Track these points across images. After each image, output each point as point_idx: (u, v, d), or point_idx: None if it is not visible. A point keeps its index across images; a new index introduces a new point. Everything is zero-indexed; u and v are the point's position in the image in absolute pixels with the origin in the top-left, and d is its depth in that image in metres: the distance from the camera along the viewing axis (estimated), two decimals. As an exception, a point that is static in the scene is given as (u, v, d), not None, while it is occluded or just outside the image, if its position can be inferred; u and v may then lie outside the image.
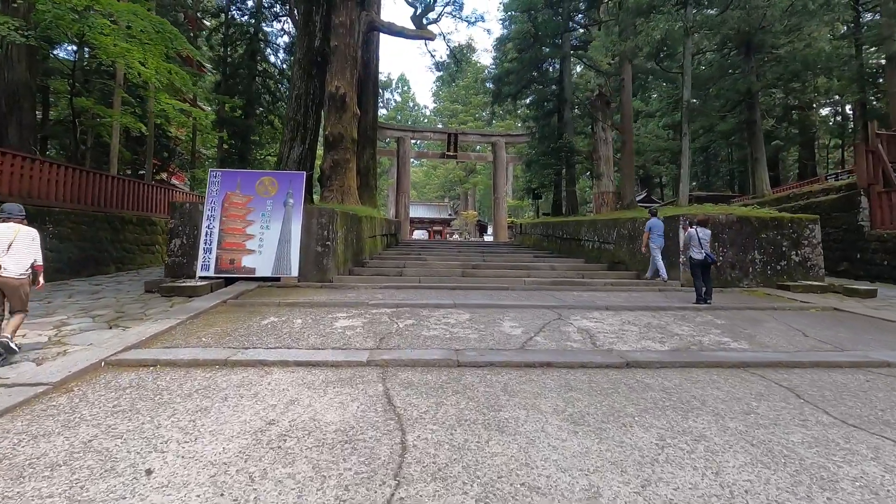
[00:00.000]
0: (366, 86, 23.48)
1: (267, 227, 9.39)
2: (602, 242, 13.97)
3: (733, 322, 6.59)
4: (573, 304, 7.62)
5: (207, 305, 6.72)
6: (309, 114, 11.79)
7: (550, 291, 9.10)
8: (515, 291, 8.98)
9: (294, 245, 9.32)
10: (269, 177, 9.72)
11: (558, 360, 4.56)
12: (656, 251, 10.31)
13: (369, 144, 23.52)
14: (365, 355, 4.60)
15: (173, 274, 9.27)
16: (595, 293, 8.98)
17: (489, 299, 7.95)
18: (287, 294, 8.12)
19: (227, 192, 9.48)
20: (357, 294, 8.33)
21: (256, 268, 9.16)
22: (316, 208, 9.76)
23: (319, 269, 9.44)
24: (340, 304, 7.21)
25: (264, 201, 9.52)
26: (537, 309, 7.18)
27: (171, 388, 3.69)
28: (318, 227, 9.53)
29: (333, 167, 15.37)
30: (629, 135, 15.59)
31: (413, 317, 6.48)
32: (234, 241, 9.26)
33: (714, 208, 11.49)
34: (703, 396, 3.71)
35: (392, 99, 72.80)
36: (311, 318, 6.26)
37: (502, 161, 32.40)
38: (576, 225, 16.29)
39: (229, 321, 6.03)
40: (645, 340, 5.54)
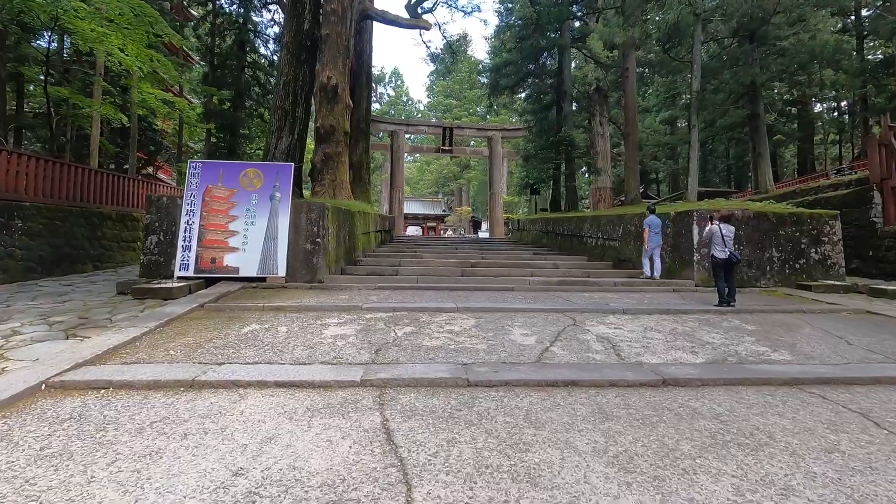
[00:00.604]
0: (358, 77, 22.69)
1: (252, 222, 8.67)
2: (606, 239, 13.36)
3: (765, 328, 5.99)
4: (585, 306, 6.99)
5: (182, 310, 6.01)
6: (298, 102, 11.05)
7: (557, 292, 8.46)
8: (521, 292, 8.34)
9: (281, 242, 8.61)
10: (254, 168, 8.99)
11: (584, 378, 3.92)
12: (656, 249, 9.95)
13: (362, 138, 22.78)
14: (359, 372, 3.93)
15: (149, 274, 8.54)
16: (606, 294, 8.36)
17: (494, 302, 7.30)
18: (273, 296, 7.42)
19: (208, 184, 8.75)
20: (350, 296, 7.65)
21: (240, 267, 8.45)
22: (305, 203, 9.06)
23: (309, 269, 8.74)
24: (331, 308, 6.53)
25: (249, 195, 8.79)
26: (548, 313, 6.54)
27: (120, 421, 3.00)
28: (307, 223, 8.82)
29: (325, 161, 14.67)
30: (633, 127, 14.99)
31: (412, 323, 5.82)
32: (216, 238, 8.54)
33: (726, 203, 10.93)
34: (767, 427, 3.08)
35: (385, 93, 71.84)
36: (297, 325, 5.58)
37: (498, 156, 31.73)
38: (577, 221, 15.68)
39: (205, 329, 5.33)
40: (674, 351, 4.91)
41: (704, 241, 8.07)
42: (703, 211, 9.50)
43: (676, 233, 10.01)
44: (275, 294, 7.63)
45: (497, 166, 31.80)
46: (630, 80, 14.86)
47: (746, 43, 19.94)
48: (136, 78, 16.61)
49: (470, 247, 17.96)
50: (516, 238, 23.81)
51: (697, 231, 9.39)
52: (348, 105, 15.47)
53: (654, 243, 10.12)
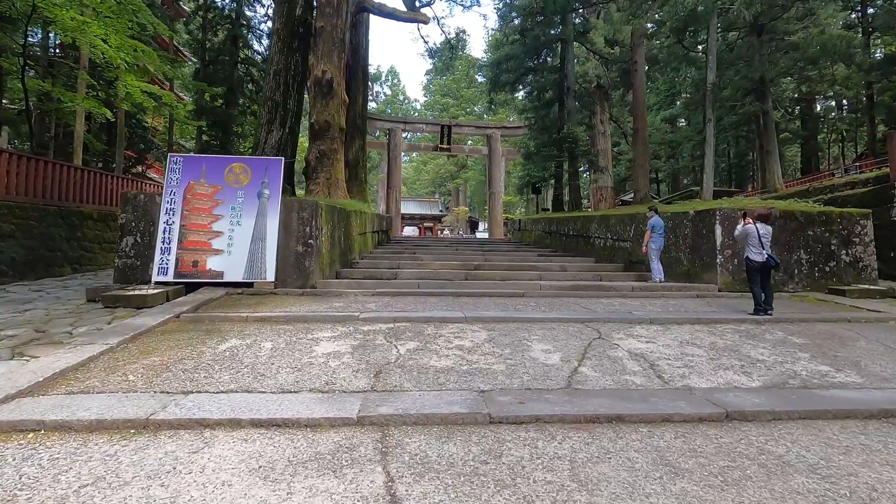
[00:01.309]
0: (355, 72, 21.96)
1: (238, 222, 7.92)
2: (616, 240, 12.67)
3: (815, 341, 5.30)
4: (607, 316, 6.28)
5: (153, 322, 5.26)
6: (289, 93, 10.31)
7: (572, 298, 7.75)
8: (532, 299, 7.63)
9: (270, 244, 7.87)
10: (241, 163, 8.24)
11: (630, 412, 3.22)
12: (656, 252, 9.50)
13: (358, 135, 22.05)
14: (355, 405, 3.21)
15: (125, 279, 7.77)
16: (625, 300, 7.66)
17: (505, 310, 6.58)
18: (259, 304, 6.67)
19: (189, 181, 7.99)
20: (345, 303, 6.91)
21: (224, 271, 7.69)
22: (296, 201, 8.32)
23: (300, 273, 8.00)
24: (324, 319, 5.79)
25: (235, 192, 8.05)
26: (568, 324, 5.83)
27: (39, 486, 2.26)
28: (298, 223, 8.08)
29: (320, 158, 13.97)
30: (642, 123, 14.32)
31: (416, 336, 5.09)
32: (198, 239, 7.78)
33: (745, 201, 10.25)
34: (887, 486, 2.38)
35: (382, 92, 71.06)
36: (284, 340, 4.84)
37: (498, 154, 31.04)
38: (584, 221, 15.00)
39: (176, 346, 4.59)
40: (723, 371, 4.22)
41: (738, 242, 7.38)
42: (727, 210, 8.82)
43: (696, 233, 9.33)
44: (262, 301, 6.89)
45: (496, 165, 31.11)
46: (639, 74, 14.20)
47: (754, 37, 19.32)
48: (122, 70, 15.78)
49: (470, 248, 17.26)
50: (517, 238, 23.11)
51: (721, 231, 8.72)
52: (344, 100, 14.77)
53: (656, 245, 9.50)
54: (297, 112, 10.96)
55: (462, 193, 72.05)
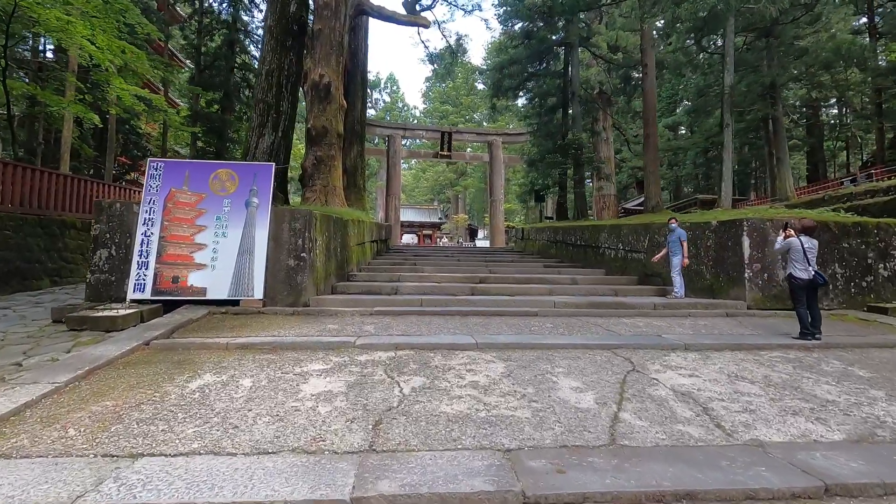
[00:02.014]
0: (353, 76, 21.37)
1: (223, 234, 7.21)
2: (629, 251, 11.99)
3: (881, 374, 4.59)
4: (635, 340, 5.57)
5: (116, 353, 4.54)
6: (283, 94, 9.65)
7: (591, 318, 7.05)
8: (547, 318, 6.92)
9: (258, 258, 7.15)
10: (227, 169, 7.54)
11: (702, 485, 2.50)
12: (677, 265, 8.86)
13: (357, 141, 21.43)
14: (348, 478, 2.48)
15: (97, 296, 7.04)
16: (650, 320, 6.95)
17: (519, 333, 5.87)
18: (244, 326, 5.95)
19: (171, 188, 7.29)
20: (340, 325, 6.19)
21: (208, 288, 6.97)
22: (288, 210, 7.61)
23: (292, 289, 7.28)
24: (316, 346, 5.07)
25: (220, 201, 7.34)
26: (593, 351, 5.12)
27: None
28: (290, 235, 7.38)
29: (316, 165, 13.33)
30: (653, 128, 13.68)
31: (422, 369, 4.37)
32: (179, 252, 7.07)
33: (769, 211, 9.56)
34: None
35: (381, 99, 70.74)
36: (267, 376, 4.12)
37: (499, 161, 30.45)
38: (593, 230, 14.32)
39: (138, 384, 3.87)
40: (792, 417, 3.51)
41: (778, 256, 6.70)
42: (755, 221, 8.15)
43: (720, 245, 8.65)
44: (247, 323, 6.16)
45: (497, 172, 30.50)
46: (649, 78, 13.61)
47: (762, 42, 18.81)
48: (111, 73, 15.13)
49: (473, 258, 16.57)
50: (520, 248, 22.42)
51: (748, 244, 8.04)
52: (342, 105, 14.18)
53: (679, 258, 8.86)
54: (290, 115, 10.29)
55: (461, 201, 71.56)
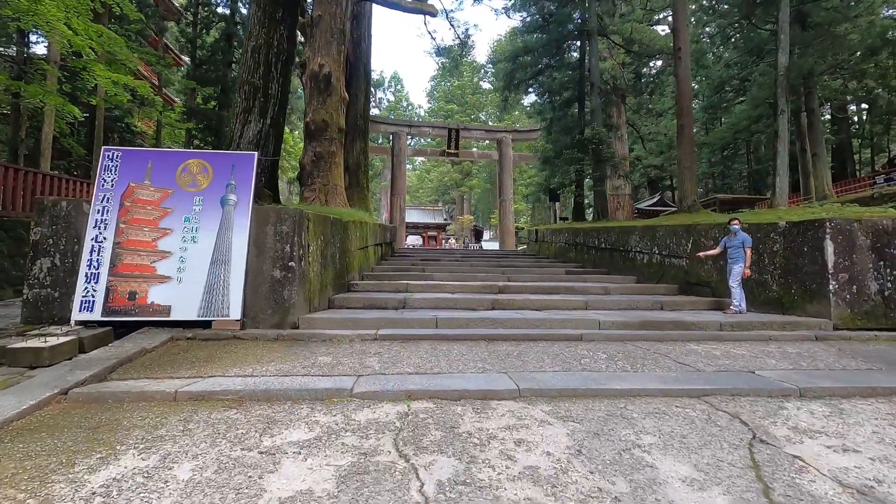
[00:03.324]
0: (356, 68, 20.07)
1: (192, 239, 5.86)
2: (667, 256, 10.57)
3: None
4: (728, 381, 4.16)
5: (12, 410, 3.16)
6: (272, 75, 8.30)
7: (651, 343, 5.63)
8: (597, 344, 5.51)
9: (236, 268, 5.79)
10: (200, 160, 6.18)
11: None
12: (738, 274, 7.46)
13: (360, 137, 20.10)
14: None
15: (36, 316, 5.68)
16: (727, 347, 5.52)
17: (570, 371, 4.48)
18: (210, 360, 4.58)
19: (129, 182, 5.95)
20: (335, 356, 4.81)
21: (172, 306, 5.61)
22: (273, 210, 6.24)
23: (277, 307, 5.91)
24: (299, 395, 3.69)
25: (190, 198, 5.99)
26: (680, 401, 3.71)
27: None
28: (275, 240, 6.01)
29: (316, 162, 12.07)
30: (687, 118, 12.25)
31: (449, 441, 2.98)
32: (138, 262, 5.72)
33: (859, 211, 8.11)
34: None
35: (385, 98, 69.58)
36: (217, 459, 2.73)
37: (509, 159, 29.04)
38: (621, 232, 12.90)
39: (14, 476, 2.50)
40: None
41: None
42: (840, 221, 6.72)
43: (792, 251, 7.22)
44: (216, 354, 4.79)
45: (507, 171, 29.10)
46: (683, 62, 12.19)
47: (797, 28, 17.32)
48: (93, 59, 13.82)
49: (485, 262, 15.18)
50: (534, 250, 20.99)
51: (833, 249, 6.62)
52: (343, 98, 12.92)
53: (740, 267, 7.45)
54: (281, 99, 8.95)
55: (466, 202, 70.29)
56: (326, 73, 12.01)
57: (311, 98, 12.31)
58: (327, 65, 12.13)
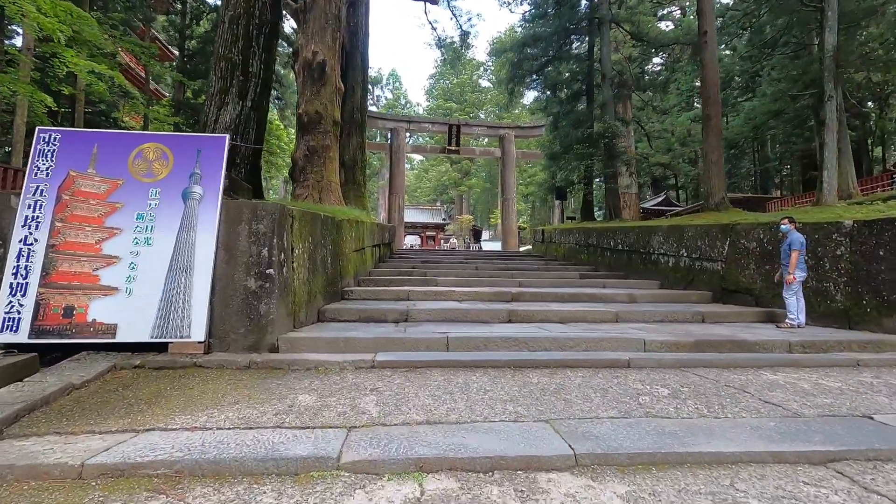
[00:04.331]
0: (352, 58, 18.95)
1: (146, 240, 4.74)
2: (697, 259, 9.50)
3: None
4: (857, 439, 3.06)
5: None
6: (253, 50, 7.19)
7: (716, 371, 4.54)
8: (651, 373, 4.42)
9: (200, 277, 4.68)
10: (157, 144, 5.05)
11: None
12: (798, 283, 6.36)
13: (356, 131, 18.97)
14: None
15: (-52, 337, 4.57)
16: (813, 376, 4.43)
17: (630, 417, 3.38)
18: (155, 401, 3.47)
19: (70, 170, 4.83)
20: (320, 395, 3.70)
21: (119, 324, 4.49)
22: (248, 205, 5.12)
23: (252, 324, 4.80)
24: (260, 470, 2.57)
25: (145, 190, 4.88)
26: (808, 472, 2.62)
27: None
28: (250, 242, 4.90)
29: (309, 156, 11.09)
30: (714, 108, 11.18)
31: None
32: (78, 269, 4.60)
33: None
34: None
35: (382, 96, 68.50)
36: None
37: (511, 157, 27.93)
38: (641, 233, 11.82)
39: None
40: None
41: None
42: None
43: (862, 255, 6.16)
44: (165, 391, 3.68)
45: (510, 168, 27.99)
46: (709, 47, 11.12)
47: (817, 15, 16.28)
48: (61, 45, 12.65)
49: (492, 265, 14.11)
50: (540, 252, 19.89)
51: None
52: (339, 88, 11.90)
53: (803, 273, 6.37)
54: (264, 79, 7.83)
55: (466, 201, 69.33)
56: (320, 62, 10.99)
57: (304, 88, 11.28)
58: (321, 52, 11.10)
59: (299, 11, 11.81)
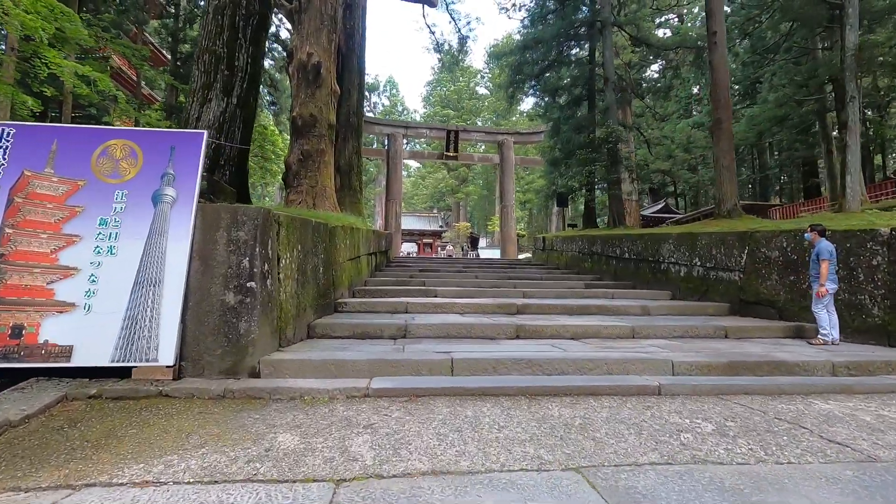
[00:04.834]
0: (349, 60, 18.48)
1: (111, 249, 4.17)
2: (712, 269, 8.98)
3: None
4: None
5: None
6: (239, 43, 6.66)
7: (763, 399, 3.99)
8: (688, 402, 3.86)
9: (171, 291, 4.10)
10: (125, 140, 4.49)
11: None
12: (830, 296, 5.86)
13: (352, 136, 18.45)
14: None
15: None
16: (875, 408, 3.87)
17: (689, 473, 2.82)
18: (98, 450, 2.87)
19: (24, 170, 4.26)
20: (302, 435, 3.12)
21: (76, 345, 3.91)
22: (227, 209, 4.55)
23: (230, 345, 4.22)
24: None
25: (110, 193, 4.31)
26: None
27: None
28: (229, 251, 4.33)
29: (303, 161, 10.64)
30: (726, 111, 10.74)
31: None
32: (30, 282, 4.02)
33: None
34: None
35: (379, 102, 68.28)
36: None
37: (510, 163, 27.53)
38: (649, 241, 11.30)
39: None
40: None
41: None
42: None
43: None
44: (118, 431, 3.09)
45: (509, 175, 27.58)
46: (719, 48, 10.69)
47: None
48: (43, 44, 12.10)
49: (492, 273, 13.57)
50: (541, 259, 19.37)
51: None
52: (334, 91, 11.48)
53: (834, 285, 5.87)
54: (251, 74, 7.30)
55: (463, 208, 69.00)
56: (315, 63, 10.56)
57: (299, 90, 10.83)
58: (316, 53, 10.67)
59: (294, 12, 11.38)
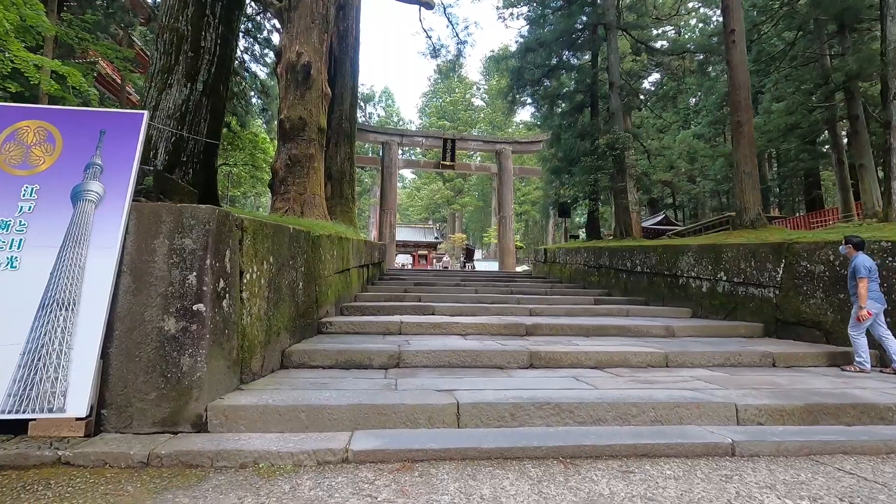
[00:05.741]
0: (341, 63, 17.68)
1: (10, 261, 3.17)
2: (740, 284, 8.07)
3: None
4: None
5: None
6: (207, 20, 5.74)
7: (867, 461, 3.04)
8: (775, 470, 2.90)
9: (89, 316, 3.10)
10: (39, 121, 3.52)
11: None
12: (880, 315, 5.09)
13: (345, 142, 17.56)
14: None
15: None
16: None
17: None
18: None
19: None
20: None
21: (-48, 391, 2.90)
22: (168, 209, 3.56)
23: (168, 386, 3.21)
24: None
25: (14, 188, 3.32)
26: None
27: None
28: (170, 263, 3.34)
29: (290, 166, 9.86)
30: (747, 113, 9.94)
31: None
32: None
33: None
34: None
35: (375, 113, 67.67)
36: None
37: (509, 173, 26.75)
38: (666, 252, 10.40)
39: None
40: None
41: None
42: None
43: None
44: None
45: (507, 185, 26.78)
46: (738, 47, 9.95)
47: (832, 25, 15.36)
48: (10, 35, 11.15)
49: (493, 287, 12.64)
50: (543, 272, 18.43)
51: None
52: (325, 94, 10.69)
53: (880, 304, 5.01)
54: (220, 57, 6.37)
55: (458, 220, 68.28)
56: (305, 63, 9.78)
57: (287, 92, 10.01)
58: (306, 53, 9.88)
59: (283, 10, 10.64)
